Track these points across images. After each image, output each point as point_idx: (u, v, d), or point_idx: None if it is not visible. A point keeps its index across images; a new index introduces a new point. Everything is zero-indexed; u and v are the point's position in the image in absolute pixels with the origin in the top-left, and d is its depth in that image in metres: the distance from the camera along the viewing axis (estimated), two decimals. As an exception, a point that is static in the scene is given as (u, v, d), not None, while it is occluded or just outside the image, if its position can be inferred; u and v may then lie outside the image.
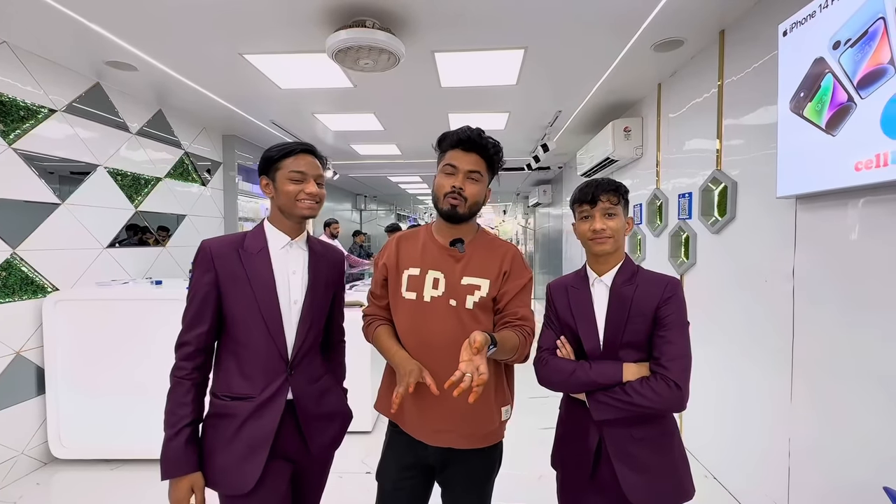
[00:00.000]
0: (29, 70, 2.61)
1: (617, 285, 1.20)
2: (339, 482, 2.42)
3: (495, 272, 1.24)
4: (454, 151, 1.22)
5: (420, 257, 1.27)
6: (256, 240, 1.21)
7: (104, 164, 3.13)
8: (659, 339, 1.13)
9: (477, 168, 1.22)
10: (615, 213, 1.19)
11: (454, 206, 1.21)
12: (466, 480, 1.27)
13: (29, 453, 2.60)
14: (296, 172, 1.18)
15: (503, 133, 4.71)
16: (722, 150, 2.42)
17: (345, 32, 2.19)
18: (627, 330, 1.16)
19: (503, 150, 1.28)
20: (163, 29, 2.40)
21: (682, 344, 1.12)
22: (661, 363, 1.11)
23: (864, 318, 1.58)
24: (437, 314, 1.21)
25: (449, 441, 1.22)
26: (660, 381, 1.09)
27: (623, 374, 1.13)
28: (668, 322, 1.13)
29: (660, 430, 1.17)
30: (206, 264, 1.15)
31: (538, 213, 9.45)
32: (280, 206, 1.20)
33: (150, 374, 2.60)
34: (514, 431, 3.12)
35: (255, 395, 1.15)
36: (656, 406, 1.08)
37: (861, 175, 1.45)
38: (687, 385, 1.09)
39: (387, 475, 1.30)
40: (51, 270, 2.72)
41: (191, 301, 1.16)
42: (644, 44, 2.58)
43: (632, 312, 1.16)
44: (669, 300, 1.14)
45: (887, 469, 1.47)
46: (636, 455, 1.15)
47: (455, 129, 1.23)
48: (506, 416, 1.28)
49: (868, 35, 1.41)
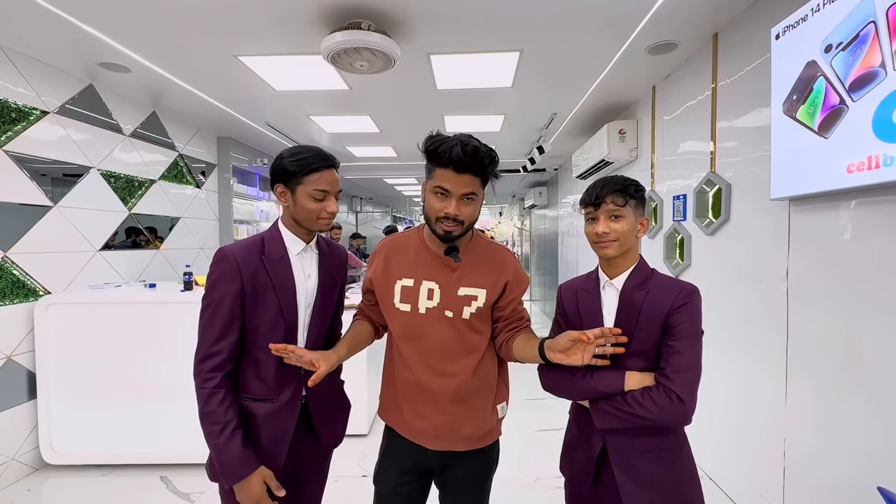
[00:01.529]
0: (20, 71, 2.58)
1: (627, 290, 1.13)
2: (336, 485, 2.40)
3: (492, 281, 1.21)
4: (446, 171, 1.10)
5: (413, 267, 1.23)
6: (276, 245, 1.20)
7: (97, 166, 3.10)
8: (667, 348, 1.07)
9: (472, 189, 1.12)
10: (621, 214, 1.11)
11: (449, 232, 1.14)
12: (465, 481, 1.27)
13: (20, 459, 2.57)
14: (320, 192, 1.16)
15: (499, 135, 4.72)
16: (716, 152, 2.44)
17: (340, 34, 2.19)
18: (635, 337, 1.10)
19: (498, 155, 1.18)
20: (156, 30, 2.38)
21: (691, 355, 1.05)
22: (665, 374, 1.05)
23: (858, 319, 1.59)
24: (432, 325, 1.20)
25: (449, 445, 1.22)
26: (662, 393, 1.03)
27: (625, 382, 1.08)
28: (678, 331, 1.06)
29: (666, 443, 1.11)
30: (232, 274, 1.13)
31: (534, 215, 9.47)
32: (297, 218, 1.20)
33: (144, 378, 2.58)
34: (511, 433, 3.12)
35: (273, 397, 1.17)
36: (657, 419, 1.03)
37: (853, 177, 1.46)
38: (691, 399, 1.03)
39: (385, 481, 1.29)
40: (43, 274, 2.69)
41: (216, 311, 1.12)
42: (638, 46, 2.59)
43: (640, 319, 1.10)
44: (681, 308, 1.07)
45: (882, 469, 1.48)
46: (639, 467, 1.10)
47: (446, 142, 1.09)
48: (502, 413, 1.29)
49: (859, 38, 1.43)
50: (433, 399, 1.20)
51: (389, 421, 1.31)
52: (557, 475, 2.53)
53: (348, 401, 1.41)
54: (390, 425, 1.31)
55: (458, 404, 1.20)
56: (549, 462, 2.71)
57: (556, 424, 3.24)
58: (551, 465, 2.67)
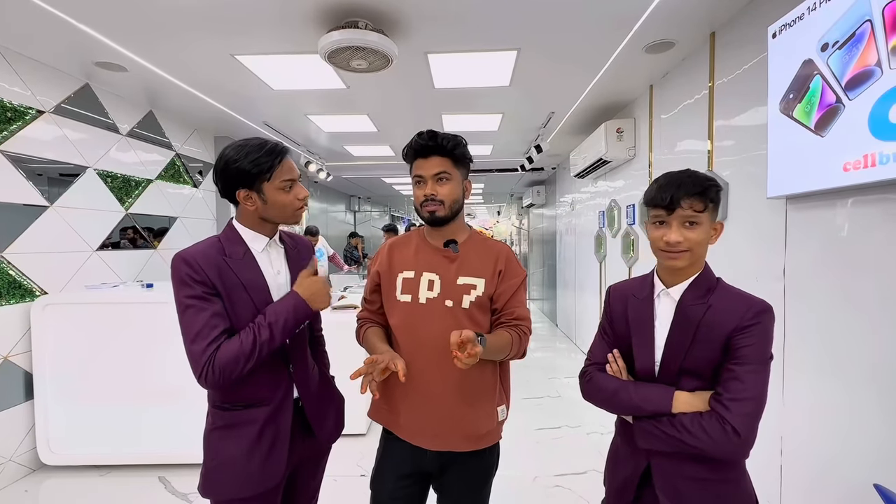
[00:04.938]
0: (16, 71, 2.57)
1: (685, 302, 0.99)
2: (334, 485, 2.40)
3: (490, 271, 1.25)
4: (417, 161, 1.25)
5: (414, 260, 1.28)
6: (236, 245, 1.14)
7: (94, 165, 3.09)
8: (727, 372, 0.93)
9: (441, 168, 1.22)
10: (698, 221, 0.95)
11: (433, 212, 1.23)
12: (464, 485, 1.27)
13: (17, 460, 2.56)
14: (286, 182, 1.14)
15: (497, 134, 4.72)
16: (713, 150, 2.44)
17: (337, 33, 2.19)
18: (690, 355, 0.97)
19: (465, 142, 1.26)
20: (153, 29, 2.37)
21: (754, 383, 0.92)
22: (722, 401, 0.92)
23: (854, 317, 1.59)
24: (432, 316, 1.22)
25: (448, 444, 1.22)
26: (714, 422, 0.90)
27: (673, 403, 0.96)
28: (742, 355, 0.92)
29: (721, 473, 0.97)
30: (197, 275, 1.05)
31: (532, 214, 9.47)
32: (268, 216, 1.16)
33: (141, 378, 2.57)
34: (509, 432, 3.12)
35: (266, 400, 1.15)
36: (707, 449, 0.91)
37: (850, 175, 1.47)
38: (749, 432, 0.90)
39: (382, 485, 1.28)
40: (39, 274, 2.68)
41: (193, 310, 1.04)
42: (636, 45, 2.59)
43: (698, 336, 0.96)
44: (749, 329, 0.93)
45: (878, 467, 1.48)
46: (686, 496, 0.98)
47: (411, 140, 1.25)
48: (502, 416, 1.29)
49: (855, 37, 1.43)
50: (432, 394, 1.21)
51: (384, 422, 1.31)
52: (555, 474, 2.56)
53: (340, 394, 1.41)
54: (387, 427, 1.31)
55: (457, 400, 1.21)
56: (548, 461, 2.72)
57: (554, 423, 3.25)
58: (549, 464, 2.68)
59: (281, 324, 1.09)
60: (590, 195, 4.94)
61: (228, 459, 1.12)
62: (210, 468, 1.14)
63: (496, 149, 5.52)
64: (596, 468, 2.62)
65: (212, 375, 1.01)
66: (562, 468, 2.63)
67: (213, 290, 1.07)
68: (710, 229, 0.98)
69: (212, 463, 1.14)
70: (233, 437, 1.13)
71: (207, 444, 1.16)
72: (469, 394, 1.22)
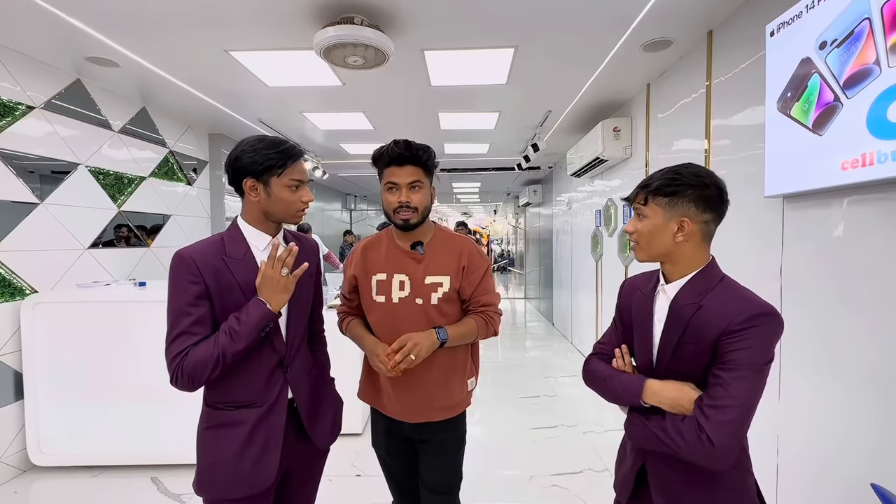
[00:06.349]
0: (5, 65, 2.53)
1: (679, 300, 0.97)
2: (329, 485, 2.39)
3: (454, 268, 1.38)
4: (390, 168, 1.32)
5: (385, 263, 1.40)
6: (238, 244, 1.15)
7: (85, 162, 3.05)
8: (713, 377, 0.90)
9: (416, 177, 1.32)
10: (643, 213, 0.99)
11: (407, 219, 1.32)
12: (439, 451, 1.42)
13: (7, 461, 2.53)
14: (295, 181, 1.15)
15: (493, 132, 4.70)
16: (710, 149, 2.44)
17: (332, 29, 2.16)
18: (677, 356, 0.96)
19: (435, 153, 1.37)
20: (145, 24, 2.34)
21: (739, 391, 0.86)
22: (702, 407, 0.88)
23: (850, 316, 1.59)
24: (406, 313, 1.35)
25: (425, 416, 1.38)
26: (690, 428, 0.88)
27: (643, 390, 0.96)
28: (730, 360, 0.88)
29: (715, 481, 0.94)
30: (192, 276, 1.06)
31: (529, 213, 9.47)
32: (269, 211, 1.16)
33: (134, 378, 2.54)
34: (506, 431, 3.14)
35: (259, 401, 1.14)
36: (681, 453, 0.89)
37: (847, 174, 1.46)
38: (726, 442, 0.85)
39: (380, 444, 1.50)
40: (29, 272, 2.65)
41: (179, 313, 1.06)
42: (633, 44, 2.58)
43: (685, 338, 0.94)
44: (738, 333, 0.88)
45: (875, 466, 1.48)
46: (678, 496, 0.97)
47: (385, 147, 1.32)
48: (471, 386, 1.47)
49: (854, 35, 1.43)
50: (410, 379, 1.34)
51: (369, 401, 1.49)
52: (551, 473, 2.56)
53: (339, 397, 1.40)
54: (373, 406, 1.49)
55: (432, 382, 1.36)
56: (544, 460, 2.71)
57: (550, 423, 3.24)
58: (546, 463, 2.67)
59: (238, 327, 1.07)
60: (586, 194, 4.94)
61: (220, 459, 1.12)
62: (203, 467, 1.14)
63: (493, 147, 5.50)
64: (592, 467, 2.62)
65: (181, 379, 1.05)
66: (558, 467, 2.62)
67: (206, 293, 1.08)
68: (665, 224, 0.96)
69: (204, 462, 1.14)
70: (225, 436, 1.12)
71: (200, 443, 1.15)
72: (443, 374, 1.38)
